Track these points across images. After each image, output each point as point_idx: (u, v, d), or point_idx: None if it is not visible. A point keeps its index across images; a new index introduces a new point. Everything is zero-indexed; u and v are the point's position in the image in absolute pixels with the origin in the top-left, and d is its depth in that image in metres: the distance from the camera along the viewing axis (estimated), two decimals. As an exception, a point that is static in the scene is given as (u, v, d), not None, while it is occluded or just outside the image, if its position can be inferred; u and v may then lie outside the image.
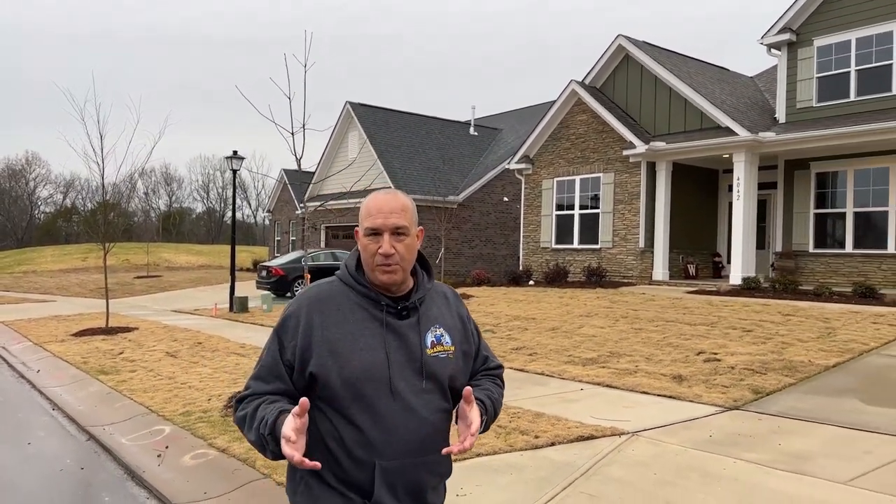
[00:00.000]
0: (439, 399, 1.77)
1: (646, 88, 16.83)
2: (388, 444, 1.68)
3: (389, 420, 1.69)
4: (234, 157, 16.86)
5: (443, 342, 1.81)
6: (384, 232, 1.73)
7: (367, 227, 1.74)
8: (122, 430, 6.34)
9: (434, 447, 1.74)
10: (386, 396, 1.69)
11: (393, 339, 1.74)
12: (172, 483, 4.82)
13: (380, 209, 1.74)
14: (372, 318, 1.75)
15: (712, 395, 6.50)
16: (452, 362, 1.80)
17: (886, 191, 14.10)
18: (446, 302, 1.91)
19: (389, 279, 1.75)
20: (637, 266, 16.22)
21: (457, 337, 1.85)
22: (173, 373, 8.71)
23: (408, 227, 1.76)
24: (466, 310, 1.97)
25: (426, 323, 1.80)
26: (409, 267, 1.79)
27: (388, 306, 1.77)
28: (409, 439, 1.70)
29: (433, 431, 1.74)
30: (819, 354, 7.80)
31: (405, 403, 1.71)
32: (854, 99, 14.53)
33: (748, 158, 14.62)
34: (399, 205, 1.77)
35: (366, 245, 1.75)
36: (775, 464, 4.54)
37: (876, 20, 14.21)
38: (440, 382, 1.77)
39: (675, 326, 10.00)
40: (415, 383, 1.73)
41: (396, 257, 1.73)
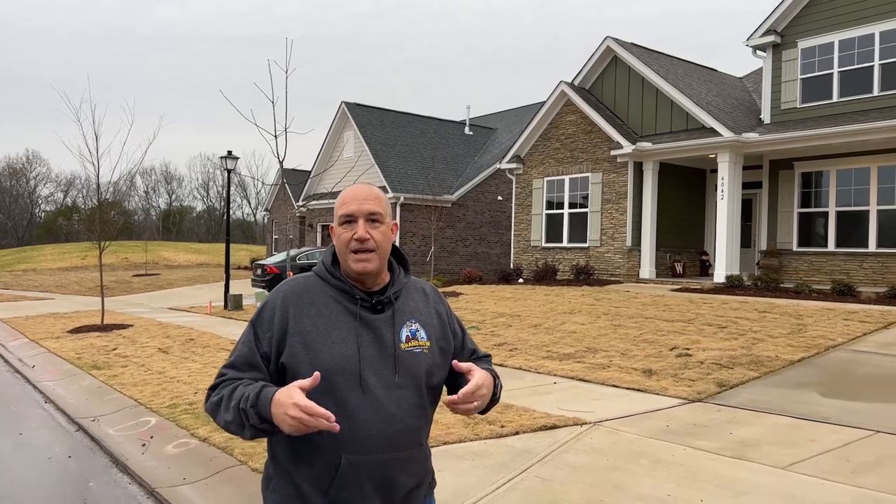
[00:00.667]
0: (413, 395, 1.75)
1: (633, 89, 17.08)
2: (354, 439, 1.67)
3: (358, 414, 1.67)
4: (228, 157, 17.11)
5: (418, 337, 1.79)
6: (359, 218, 1.74)
7: (342, 214, 1.76)
8: (111, 421, 6.60)
9: (405, 444, 1.73)
10: (356, 390, 1.68)
11: (366, 333, 1.73)
12: (154, 470, 5.08)
13: (354, 197, 1.77)
14: (346, 311, 1.75)
15: (678, 389, 6.75)
16: (428, 357, 1.79)
17: (867, 190, 14.34)
18: (424, 297, 1.89)
19: (363, 268, 1.74)
20: (624, 264, 16.48)
21: (433, 332, 1.83)
22: (164, 368, 8.98)
23: (382, 215, 1.77)
24: (447, 306, 1.95)
25: (401, 317, 1.79)
26: (384, 256, 1.79)
27: (363, 300, 1.76)
28: (377, 434, 1.68)
29: (404, 427, 1.72)
30: (786, 350, 8.06)
31: (375, 398, 1.69)
32: (837, 100, 14.77)
33: (732, 158, 14.87)
34: (372, 193, 1.79)
35: (340, 234, 1.76)
36: (722, 451, 4.80)
37: (858, 23, 14.45)
38: (415, 378, 1.76)
39: (652, 323, 10.25)
40: (387, 378, 1.72)
41: (371, 242, 1.73)
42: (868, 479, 4.18)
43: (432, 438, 4.83)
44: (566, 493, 4.10)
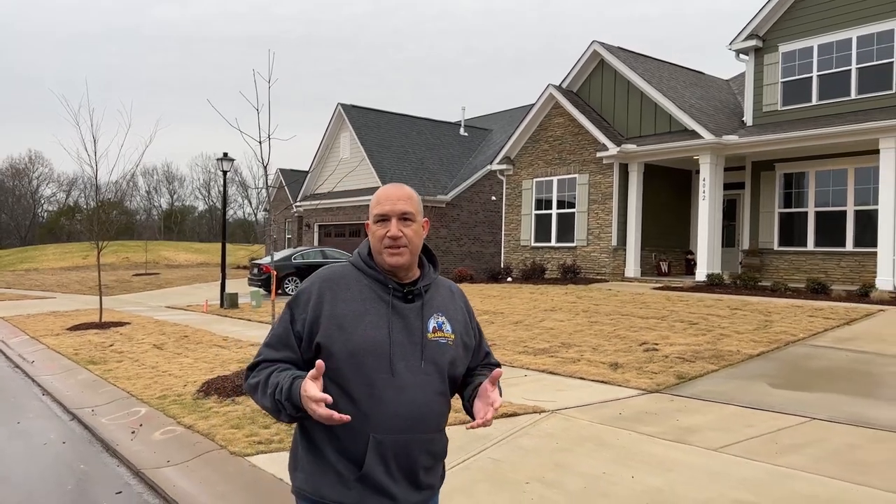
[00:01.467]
0: (437, 382, 1.86)
1: (619, 92, 17.47)
2: (382, 418, 1.77)
3: (385, 395, 1.78)
4: (223, 159, 17.52)
5: (444, 329, 1.90)
6: (392, 217, 1.86)
7: (377, 213, 1.88)
8: (104, 411, 7.02)
9: (427, 427, 1.84)
10: (385, 372, 1.79)
11: (397, 320, 1.85)
12: (141, 454, 5.49)
13: (388, 197, 1.89)
14: (379, 298, 1.86)
15: (640, 381, 7.14)
16: (452, 349, 1.90)
17: (845, 191, 14.71)
18: (451, 295, 2.02)
19: (396, 261, 1.86)
20: (610, 263, 16.87)
21: (458, 328, 1.95)
22: (157, 363, 9.39)
23: (414, 214, 1.89)
24: (469, 305, 2.09)
25: (429, 309, 1.90)
26: (415, 251, 1.90)
27: (395, 289, 1.88)
28: (403, 415, 1.79)
29: (427, 411, 1.83)
30: (749, 345, 8.44)
31: (402, 381, 1.80)
32: (816, 103, 15.13)
33: (713, 160, 15.25)
34: (405, 194, 1.91)
35: (375, 231, 1.89)
36: (664, 435, 5.19)
37: (837, 28, 14.82)
38: (439, 366, 1.86)
39: (628, 320, 10.64)
40: (414, 364, 1.82)
41: (404, 240, 1.85)
42: (788, 458, 4.57)
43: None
44: (513, 471, 4.50)
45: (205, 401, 6.94)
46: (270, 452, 5.15)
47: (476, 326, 2.06)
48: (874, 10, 14.24)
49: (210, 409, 6.56)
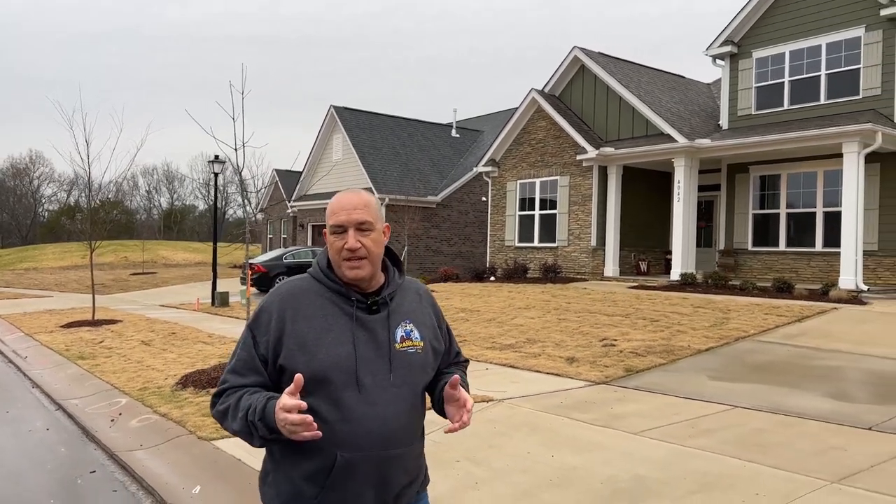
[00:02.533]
0: (407, 394, 1.79)
1: (599, 97, 17.94)
2: (351, 436, 1.71)
3: (354, 412, 1.71)
4: (215, 161, 18.00)
5: (412, 337, 1.83)
6: (349, 227, 1.77)
7: (332, 224, 1.79)
8: (87, 402, 7.50)
9: (399, 442, 1.77)
10: (352, 389, 1.72)
11: (362, 334, 1.77)
12: (117, 439, 5.97)
13: (342, 207, 1.79)
14: (342, 312, 1.78)
15: (591, 374, 7.61)
16: (421, 356, 1.83)
17: (815, 193, 15.17)
18: (418, 298, 1.94)
19: (356, 274, 1.78)
20: (589, 263, 17.34)
21: (427, 333, 1.88)
22: (142, 358, 9.87)
23: (372, 223, 1.79)
24: (438, 307, 2.03)
25: (396, 318, 1.83)
26: (376, 261, 1.82)
27: (359, 301, 1.80)
28: (374, 431, 1.72)
29: (397, 426, 1.76)
30: (701, 340, 8.91)
31: (370, 397, 1.73)
32: (788, 107, 15.59)
33: (687, 163, 15.71)
34: (361, 201, 1.81)
35: (332, 242, 1.80)
36: (595, 421, 5.66)
37: (807, 35, 15.27)
38: (409, 377, 1.80)
39: (594, 317, 11.11)
40: (382, 378, 1.76)
41: (363, 251, 1.76)
42: (698, 441, 5.04)
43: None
44: (448, 452, 4.97)
45: (182, 392, 7.41)
46: (234, 437, 5.63)
47: (446, 327, 2.02)
48: (842, 18, 14.69)
49: (185, 400, 7.04)
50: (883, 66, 14.09)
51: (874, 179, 14.15)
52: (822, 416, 5.65)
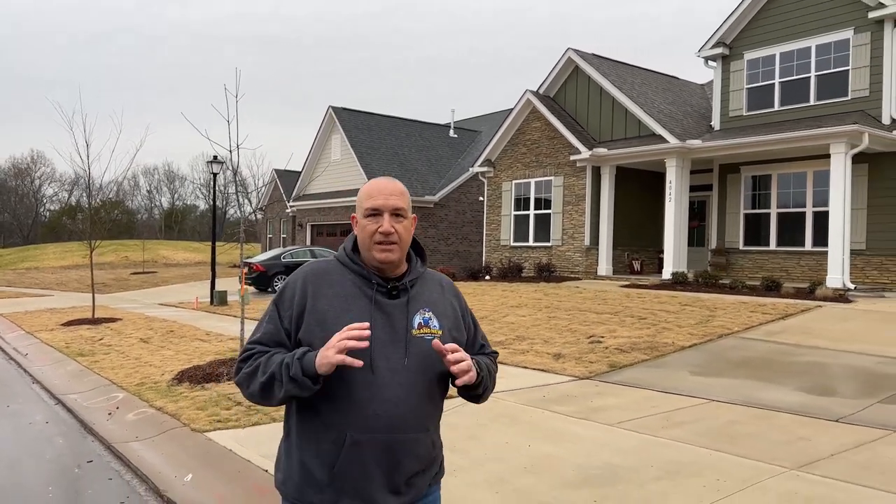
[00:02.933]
0: (421, 380, 1.80)
1: (593, 98, 18.14)
2: (359, 417, 1.73)
3: (365, 394, 1.73)
4: (213, 162, 18.21)
5: (430, 325, 1.84)
6: (384, 212, 1.81)
7: (368, 207, 1.83)
8: (86, 397, 7.71)
9: (409, 427, 1.78)
10: (365, 371, 1.73)
11: (380, 317, 1.79)
12: (114, 431, 6.19)
13: (380, 191, 1.84)
14: (363, 294, 1.82)
15: (576, 369, 7.82)
16: None
17: (804, 193, 15.37)
18: (440, 289, 1.96)
19: (387, 257, 1.81)
20: (583, 262, 17.54)
21: (446, 323, 1.89)
22: (140, 355, 10.09)
23: (405, 210, 1.85)
24: (462, 299, 2.04)
25: (415, 305, 1.85)
26: (405, 248, 1.87)
27: (379, 285, 1.83)
28: (382, 415, 1.74)
29: (408, 411, 1.77)
30: (685, 337, 9.12)
31: (383, 380, 1.75)
32: (778, 108, 15.78)
33: (679, 163, 15.90)
34: (398, 189, 1.87)
35: (365, 225, 1.83)
36: (573, 413, 5.87)
37: (797, 37, 15.46)
38: (424, 364, 1.80)
39: (584, 315, 11.32)
40: (396, 362, 1.77)
41: (395, 236, 1.81)
42: (671, 432, 5.25)
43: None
44: (430, 442, 5.19)
45: (177, 387, 7.62)
46: (227, 429, 5.83)
47: (471, 322, 2.03)
48: (831, 21, 14.88)
49: (180, 394, 7.25)
50: (871, 67, 14.28)
51: (862, 180, 14.34)
52: (793, 409, 5.86)
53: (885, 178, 14.12)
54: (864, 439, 4.93)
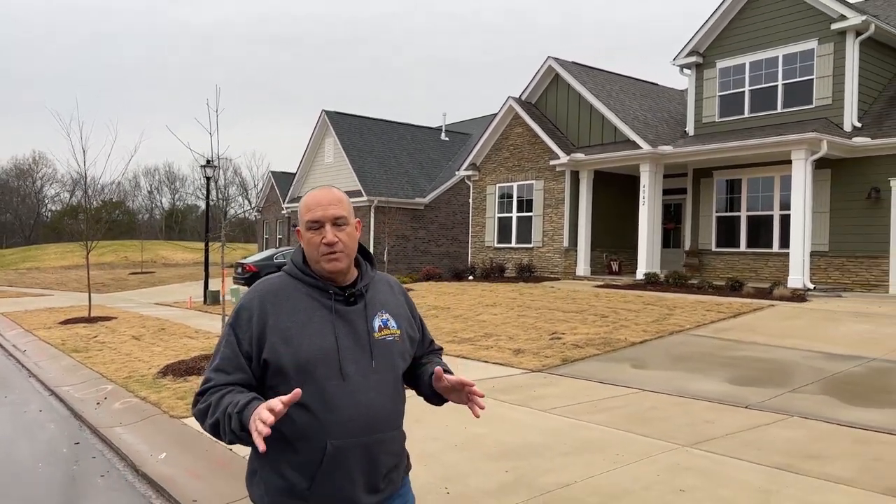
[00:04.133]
0: (389, 380, 1.87)
1: (572, 105, 18.78)
2: (338, 424, 1.77)
3: (339, 401, 1.77)
4: (207, 166, 18.83)
5: (390, 326, 1.91)
6: (325, 223, 1.83)
7: (308, 220, 1.85)
8: (78, 389, 8.36)
9: (385, 426, 1.85)
10: (336, 378, 1.78)
11: (342, 325, 1.83)
12: (100, 418, 6.83)
13: (318, 203, 1.86)
14: (321, 305, 1.84)
15: (531, 363, 8.45)
16: (399, 344, 1.92)
17: (772, 197, 15.99)
18: (391, 290, 2.03)
19: (334, 267, 1.84)
20: (562, 263, 18.18)
21: (402, 323, 1.96)
22: (131, 351, 10.73)
23: (346, 217, 1.86)
24: (410, 298, 2.11)
25: (373, 308, 1.90)
26: (352, 254, 1.90)
27: (336, 294, 1.86)
28: (359, 418, 1.79)
29: (382, 411, 1.84)
30: (638, 334, 9.74)
31: (354, 385, 1.79)
32: (748, 115, 16.40)
33: (652, 168, 16.53)
34: (335, 197, 1.88)
35: (309, 238, 1.85)
36: (515, 402, 6.50)
37: (765, 46, 16.08)
38: (390, 364, 1.88)
39: (551, 313, 11.95)
40: (364, 366, 1.82)
41: (340, 245, 1.83)
42: (595, 416, 5.88)
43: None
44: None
45: (162, 380, 8.26)
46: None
47: (419, 318, 2.11)
48: (797, 31, 15.50)
49: (164, 386, 7.90)
50: (834, 77, 14.89)
51: (825, 185, 14.96)
52: (712, 397, 6.48)
53: (847, 183, 14.74)
54: (760, 423, 5.56)
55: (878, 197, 14.21)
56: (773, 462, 4.55)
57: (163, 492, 4.72)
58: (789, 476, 4.29)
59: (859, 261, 14.49)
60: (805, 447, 4.89)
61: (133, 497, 4.71)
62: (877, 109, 15.06)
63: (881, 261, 14.16)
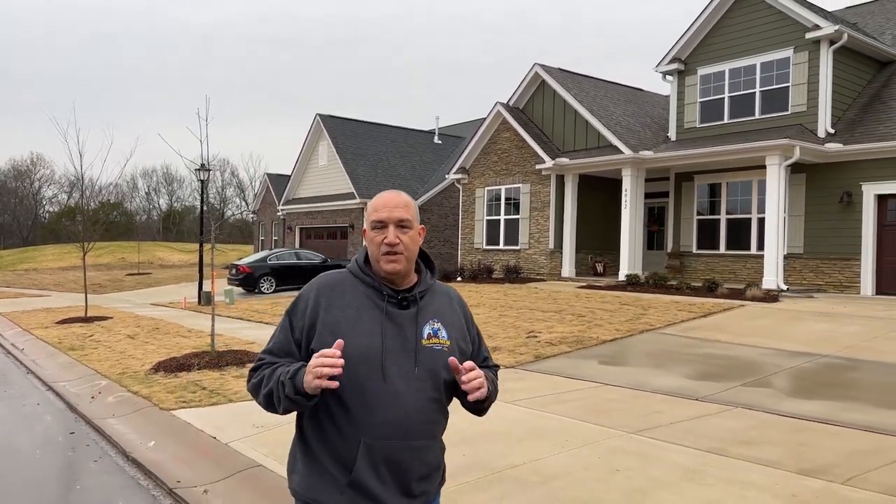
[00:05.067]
0: (430, 388, 1.87)
1: (557, 110, 19.25)
2: (373, 424, 1.80)
3: (377, 401, 1.80)
4: (201, 169, 19.25)
5: (439, 335, 1.91)
6: (389, 224, 1.88)
7: (374, 220, 1.91)
8: (74, 384, 8.79)
9: (419, 434, 1.86)
10: (377, 379, 1.81)
11: (391, 327, 1.86)
12: (95, 410, 7.26)
13: (385, 204, 1.91)
14: (374, 305, 1.88)
15: (506, 360, 8.88)
16: (447, 355, 1.89)
17: (750, 201, 16.46)
18: (449, 301, 2.05)
19: (393, 268, 1.88)
20: (547, 264, 18.65)
21: (454, 334, 1.96)
22: (125, 349, 11.15)
23: (410, 221, 1.91)
24: (469, 312, 2.12)
25: (425, 315, 1.92)
26: (412, 258, 1.94)
27: (390, 296, 1.89)
28: (394, 421, 1.81)
29: (419, 418, 1.84)
30: (610, 332, 10.19)
31: (394, 388, 1.81)
32: (728, 121, 16.87)
33: (633, 172, 17.00)
34: (402, 201, 1.94)
35: (372, 237, 1.91)
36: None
37: (744, 54, 16.55)
38: (433, 373, 1.87)
39: (531, 313, 12.39)
40: (407, 370, 1.84)
41: (401, 246, 1.87)
42: (555, 407, 6.32)
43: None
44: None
45: (154, 376, 8.69)
46: (190, 408, 6.90)
47: (476, 332, 2.11)
48: (774, 40, 15.98)
49: (155, 381, 8.32)
50: (808, 84, 15.37)
51: (800, 189, 15.43)
52: (668, 390, 6.93)
53: (821, 188, 15.21)
54: (705, 413, 6.01)
55: (850, 201, 14.68)
56: (706, 447, 4.99)
57: (150, 474, 5.15)
58: (718, 459, 4.74)
59: (832, 263, 14.96)
60: (740, 434, 5.34)
61: (123, 479, 5.15)
62: (850, 116, 15.54)
63: (853, 262, 14.63)
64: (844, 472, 4.43)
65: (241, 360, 9.22)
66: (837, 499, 4.00)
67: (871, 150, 14.32)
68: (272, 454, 5.20)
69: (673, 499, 4.07)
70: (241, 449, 5.39)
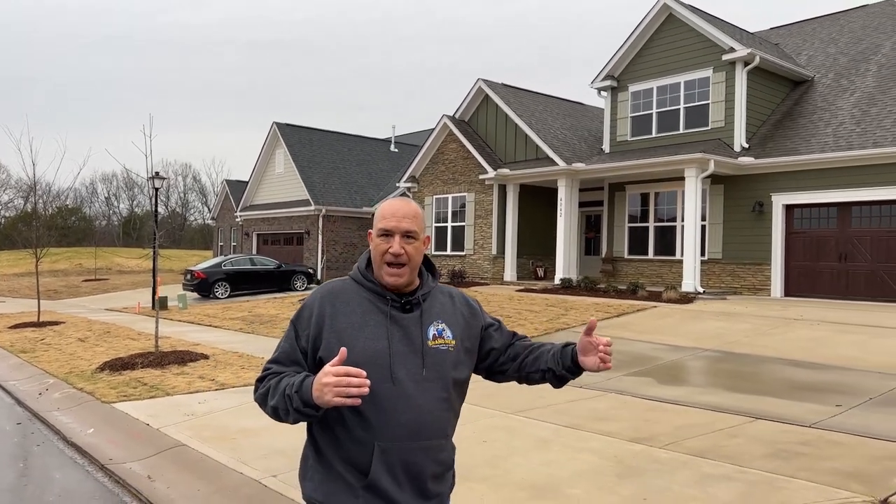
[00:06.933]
0: (439, 389, 1.90)
1: (500, 123, 20.29)
2: (386, 427, 1.83)
3: (388, 404, 1.83)
4: (155, 178, 19.73)
5: (444, 336, 1.94)
6: (396, 234, 1.90)
7: (381, 228, 1.92)
8: (23, 383, 9.38)
9: (431, 433, 1.89)
10: (387, 382, 1.83)
11: (396, 331, 1.89)
12: (41, 404, 7.91)
13: (393, 213, 1.92)
14: (378, 310, 1.91)
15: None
16: (453, 354, 1.94)
17: (675, 209, 17.66)
18: (451, 301, 2.05)
19: (395, 281, 1.91)
20: (490, 269, 19.62)
21: (458, 332, 1.98)
22: (75, 351, 11.72)
23: (417, 233, 1.93)
24: (474, 307, 2.11)
25: (428, 317, 1.94)
26: (415, 268, 1.95)
27: (393, 301, 1.92)
28: (406, 423, 1.84)
29: (430, 418, 1.88)
30: (530, 331, 11.11)
31: (404, 390, 1.85)
32: (655, 135, 18.07)
33: (568, 183, 18.09)
34: (411, 211, 1.94)
35: (378, 244, 1.92)
36: (395, 386, 7.79)
37: (670, 73, 17.77)
38: (441, 373, 1.91)
39: (463, 315, 13.28)
40: (415, 372, 1.87)
41: (404, 257, 1.89)
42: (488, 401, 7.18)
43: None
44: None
45: (99, 374, 9.34)
46: (129, 401, 7.60)
47: (491, 319, 2.15)
48: (695, 60, 17.23)
49: (100, 379, 8.98)
50: (726, 101, 16.63)
51: (719, 198, 16.67)
52: (560, 380, 7.86)
53: (737, 198, 16.47)
54: (581, 397, 6.95)
55: (761, 210, 15.95)
56: (567, 423, 5.92)
57: (86, 454, 5.88)
58: (571, 431, 5.67)
59: (747, 267, 16.21)
60: (601, 413, 6.29)
61: (62, 459, 5.86)
62: (763, 132, 16.84)
63: (764, 267, 15.90)
64: (667, 440, 5.40)
65: (182, 360, 9.91)
66: (650, 459, 4.95)
67: (780, 164, 15.60)
68: (196, 436, 5.98)
69: (521, 461, 4.98)
70: (170, 433, 6.15)
